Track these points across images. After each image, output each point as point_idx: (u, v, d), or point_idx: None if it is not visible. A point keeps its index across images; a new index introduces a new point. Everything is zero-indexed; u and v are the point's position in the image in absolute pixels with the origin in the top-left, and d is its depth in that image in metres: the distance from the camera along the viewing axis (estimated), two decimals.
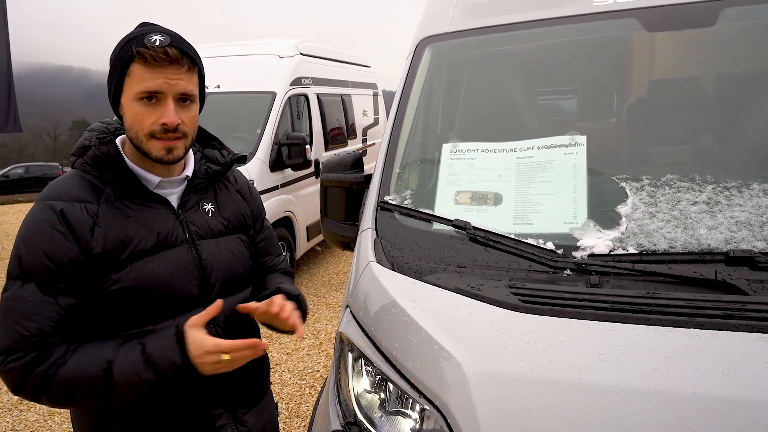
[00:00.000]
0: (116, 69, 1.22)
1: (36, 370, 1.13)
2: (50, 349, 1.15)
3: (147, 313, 1.25)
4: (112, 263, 1.20)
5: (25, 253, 1.16)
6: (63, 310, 1.17)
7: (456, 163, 1.90)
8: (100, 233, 1.19)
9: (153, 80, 1.19)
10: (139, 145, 1.25)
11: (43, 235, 1.16)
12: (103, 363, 1.16)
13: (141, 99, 1.21)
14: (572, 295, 1.40)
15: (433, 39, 2.29)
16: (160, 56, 1.18)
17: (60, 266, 1.16)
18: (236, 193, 1.53)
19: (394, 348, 1.44)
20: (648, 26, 1.92)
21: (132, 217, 1.25)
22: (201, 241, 1.36)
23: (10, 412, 3.80)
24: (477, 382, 1.26)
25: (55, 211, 1.18)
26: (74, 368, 1.15)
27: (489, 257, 1.62)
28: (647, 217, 1.56)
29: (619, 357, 1.20)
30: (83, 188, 1.23)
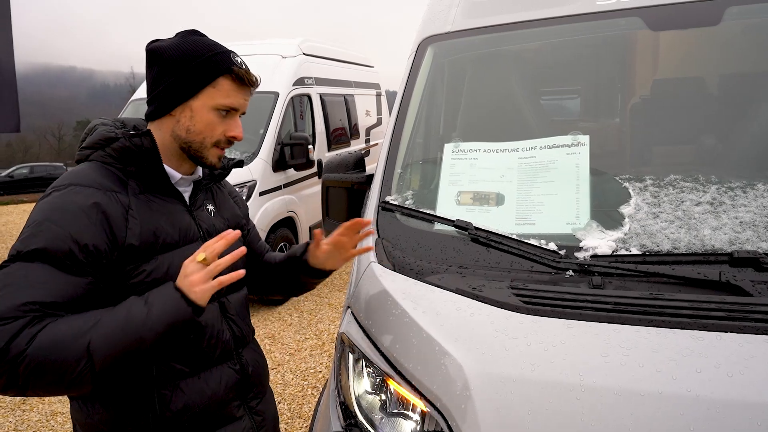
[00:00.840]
0: (198, 75, 1.26)
1: (27, 331, 1.02)
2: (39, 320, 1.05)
3: None
4: (145, 254, 1.21)
5: (47, 232, 1.10)
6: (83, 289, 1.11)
7: (458, 163, 1.89)
8: (135, 224, 1.20)
9: (240, 98, 1.31)
10: (199, 149, 1.31)
11: (71, 218, 1.12)
12: (97, 316, 1.09)
13: (219, 110, 1.29)
14: (574, 296, 1.39)
15: (435, 39, 2.28)
16: (251, 80, 1.32)
17: (85, 252, 1.11)
18: (228, 195, 1.60)
19: (395, 349, 1.44)
20: (652, 25, 1.90)
21: (157, 210, 1.27)
22: (210, 238, 1.38)
23: (13, 412, 3.81)
24: (478, 383, 1.25)
25: (88, 196, 1.16)
26: (66, 323, 1.06)
27: (491, 258, 1.61)
28: (650, 218, 1.55)
29: (621, 359, 1.19)
30: (109, 178, 1.23)
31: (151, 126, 1.34)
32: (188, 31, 1.34)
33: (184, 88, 1.27)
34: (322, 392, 1.96)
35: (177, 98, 1.28)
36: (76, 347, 1.04)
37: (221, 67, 1.28)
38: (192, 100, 1.27)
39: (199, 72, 1.26)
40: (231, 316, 1.44)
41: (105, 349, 1.06)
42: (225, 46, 1.33)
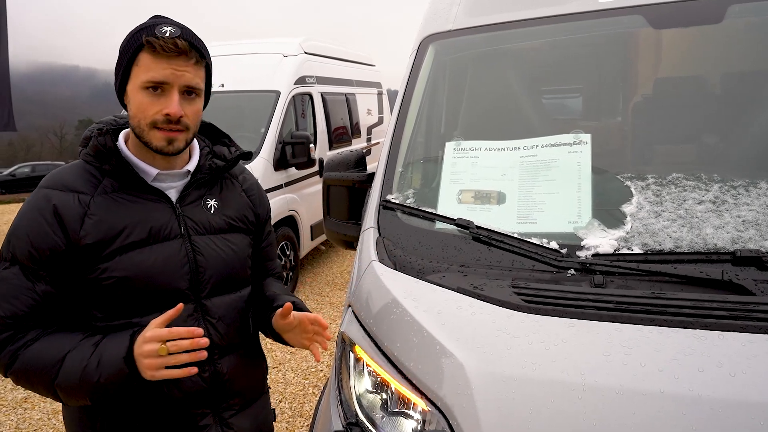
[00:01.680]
0: (124, 57, 1.24)
1: (7, 348, 1.19)
2: (24, 332, 1.20)
3: (134, 305, 1.26)
4: (101, 253, 1.22)
5: (14, 237, 1.21)
6: (39, 297, 1.20)
7: (459, 161, 1.88)
8: (90, 224, 1.22)
9: (160, 70, 1.20)
10: (140, 134, 1.26)
11: (31, 223, 1.21)
12: (63, 352, 1.19)
13: (147, 88, 1.21)
14: (576, 295, 1.39)
15: (437, 37, 2.27)
16: (168, 46, 1.19)
17: (42, 254, 1.20)
18: (242, 192, 1.52)
19: (395, 348, 1.43)
20: (654, 23, 1.89)
21: (126, 208, 1.26)
22: (198, 236, 1.35)
23: (15, 410, 3.82)
24: (479, 382, 1.24)
25: (48, 200, 1.22)
26: (37, 352, 1.19)
27: (492, 257, 1.61)
28: (652, 217, 1.54)
29: (623, 358, 1.19)
30: (81, 178, 1.26)
31: None
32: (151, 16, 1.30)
33: (118, 75, 1.27)
34: (323, 391, 1.96)
35: (119, 87, 1.28)
36: (46, 380, 1.19)
37: (137, 43, 1.21)
38: (128, 85, 1.25)
39: (123, 54, 1.24)
40: (210, 320, 1.35)
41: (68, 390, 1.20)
42: (161, 21, 1.24)
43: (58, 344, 1.21)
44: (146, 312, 1.26)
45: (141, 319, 1.25)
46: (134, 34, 1.24)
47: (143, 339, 1.16)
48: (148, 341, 1.15)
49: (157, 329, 1.15)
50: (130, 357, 1.16)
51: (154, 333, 1.14)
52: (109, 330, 1.24)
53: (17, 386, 4.16)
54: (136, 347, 1.16)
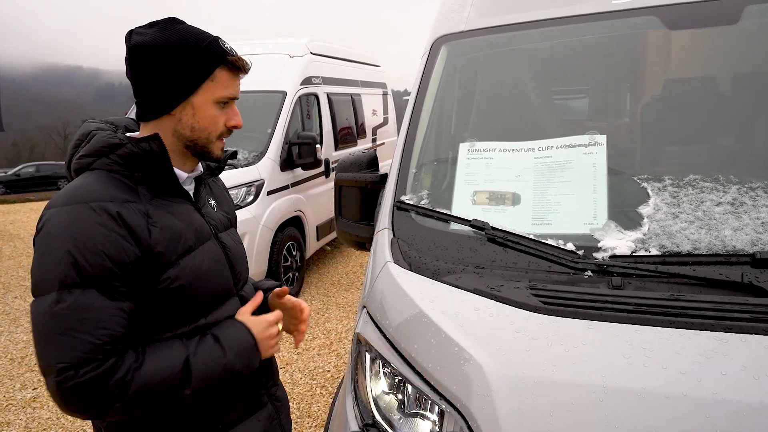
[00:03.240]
0: (194, 70, 1.22)
1: (114, 378, 1.07)
2: (121, 357, 1.10)
3: (198, 308, 1.27)
4: (168, 261, 1.19)
5: (81, 257, 1.08)
6: (127, 314, 1.12)
7: (473, 162, 1.88)
8: (156, 232, 1.17)
9: (235, 87, 1.30)
10: (205, 145, 1.29)
11: (102, 238, 1.10)
12: (180, 358, 1.17)
13: (219, 103, 1.27)
14: (594, 297, 1.38)
15: (449, 38, 2.27)
16: (245, 66, 1.30)
17: (123, 268, 1.11)
18: (223, 188, 1.59)
19: (413, 349, 1.43)
20: (669, 24, 1.89)
21: (173, 213, 1.24)
22: (220, 233, 1.40)
23: (24, 409, 3.83)
24: (499, 384, 1.24)
25: (109, 212, 1.12)
26: (152, 369, 1.12)
27: (508, 258, 1.61)
28: (670, 218, 1.54)
29: (644, 360, 1.18)
30: (122, 189, 1.18)
31: (147, 127, 1.28)
32: (168, 20, 1.26)
33: (183, 85, 1.21)
34: (337, 392, 1.95)
35: (177, 97, 1.22)
36: (172, 393, 1.16)
37: (217, 58, 1.24)
38: (193, 97, 1.23)
39: (195, 66, 1.21)
40: None
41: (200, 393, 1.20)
42: (209, 32, 1.28)
43: (167, 356, 1.16)
44: (208, 312, 1.29)
45: (206, 319, 1.28)
46: (204, 47, 1.23)
47: (267, 323, 1.34)
48: (272, 324, 1.35)
49: (275, 313, 1.38)
50: (255, 341, 1.31)
51: (276, 316, 1.37)
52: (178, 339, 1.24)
53: (25, 386, 4.20)
54: (260, 332, 1.32)
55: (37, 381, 4.24)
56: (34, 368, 4.47)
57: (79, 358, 1.05)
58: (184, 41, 1.21)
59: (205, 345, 1.22)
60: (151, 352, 1.16)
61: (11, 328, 5.39)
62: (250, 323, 1.32)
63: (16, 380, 4.28)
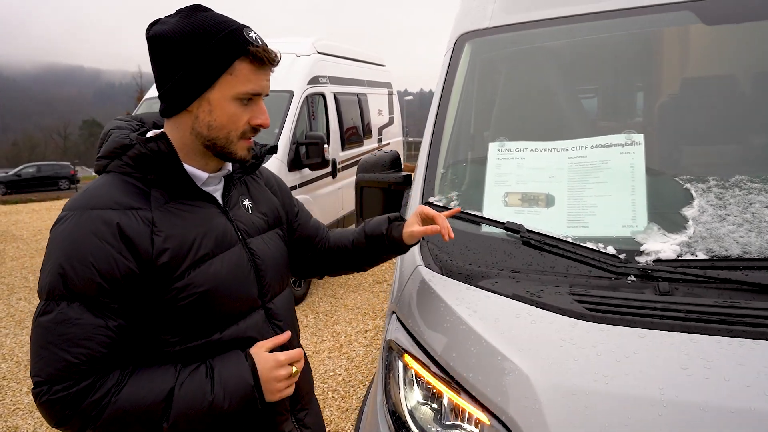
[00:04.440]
0: (211, 63, 1.10)
1: (87, 400, 1.02)
2: (103, 376, 1.05)
3: (212, 321, 1.18)
4: (175, 272, 1.10)
5: (71, 270, 1.02)
6: (113, 332, 1.05)
7: (504, 162, 1.82)
8: (160, 242, 1.09)
9: (260, 82, 1.15)
10: (225, 145, 1.17)
11: (94, 250, 1.03)
12: (165, 388, 1.08)
13: (239, 99, 1.14)
14: (642, 303, 1.32)
15: (473, 34, 2.21)
16: (271, 57, 1.14)
17: (114, 284, 1.04)
18: (265, 187, 1.46)
19: (451, 358, 1.37)
20: (706, 19, 1.83)
21: (187, 219, 1.15)
22: (250, 239, 1.29)
23: (32, 413, 3.77)
24: (548, 396, 1.18)
25: (107, 222, 1.05)
26: (131, 396, 1.05)
27: (545, 262, 1.54)
28: (716, 221, 1.47)
29: (703, 372, 1.12)
30: (129, 193, 1.11)
31: (168, 124, 1.19)
32: (191, 7, 1.14)
33: (197, 80, 1.10)
34: (364, 401, 1.89)
35: (191, 93, 1.12)
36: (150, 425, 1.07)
37: (236, 49, 1.10)
38: (209, 92, 1.12)
39: (211, 59, 1.09)
40: (276, 322, 1.33)
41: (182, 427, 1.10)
42: (236, 21, 1.14)
43: (152, 383, 1.08)
44: (225, 326, 1.20)
45: (221, 335, 1.19)
46: (223, 36, 1.10)
47: (277, 362, 1.19)
48: (282, 365, 1.20)
49: (289, 352, 1.22)
50: (257, 382, 1.17)
51: (289, 356, 1.21)
52: (187, 354, 1.16)
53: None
54: (266, 372, 1.18)
55: None
56: None
57: (52, 375, 1.02)
58: (201, 30, 1.10)
59: (195, 377, 1.12)
60: (136, 378, 1.08)
61: (16, 330, 5.34)
62: (257, 359, 1.18)
63: (22, 383, 4.21)
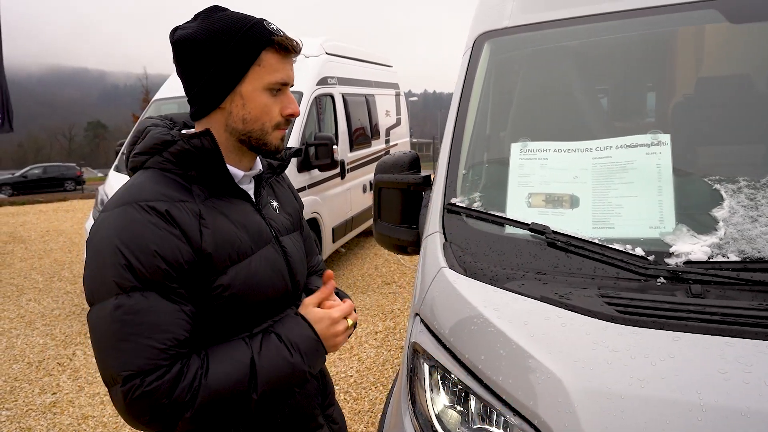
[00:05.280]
0: (239, 56, 1.12)
1: (181, 385, 1.00)
2: (187, 361, 1.04)
3: (251, 317, 1.19)
4: (219, 267, 1.11)
5: (136, 260, 1.01)
6: (189, 316, 1.06)
7: (527, 163, 1.80)
8: (208, 234, 1.09)
9: (287, 71, 1.18)
10: (261, 137, 1.19)
11: (155, 238, 1.03)
12: (246, 361, 1.09)
13: (270, 89, 1.16)
14: (674, 306, 1.30)
15: (492, 34, 2.19)
16: (293, 45, 1.16)
17: (180, 270, 1.04)
18: (288, 189, 1.49)
19: (479, 361, 1.35)
20: (731, 17, 1.80)
21: (227, 216, 1.16)
22: (282, 237, 1.31)
23: (44, 414, 3.76)
24: (582, 399, 1.16)
25: (160, 211, 1.05)
26: (218, 375, 1.05)
27: (571, 263, 1.52)
28: (748, 222, 1.45)
29: (743, 376, 1.10)
30: (173, 187, 1.11)
31: (199, 126, 1.21)
32: (210, 8, 1.18)
33: (228, 75, 1.13)
34: (386, 405, 1.88)
35: (223, 88, 1.14)
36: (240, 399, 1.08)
37: (261, 40, 1.13)
38: (240, 86, 1.14)
39: (239, 52, 1.12)
40: None
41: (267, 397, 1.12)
42: (253, 15, 1.18)
43: (232, 359, 1.08)
44: (262, 320, 1.22)
45: (259, 328, 1.21)
46: (247, 30, 1.13)
47: (332, 320, 1.22)
48: (337, 321, 1.23)
49: (343, 306, 1.26)
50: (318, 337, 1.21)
51: (342, 310, 1.25)
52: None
53: (44, 391, 4.14)
54: (326, 330, 1.21)
55: (56, 386, 4.18)
56: (52, 372, 4.41)
57: (144, 365, 0.98)
58: (225, 28, 1.13)
59: (269, 344, 1.14)
60: (214, 356, 1.08)
61: (27, 332, 5.34)
62: (312, 317, 1.22)
63: (34, 385, 4.22)
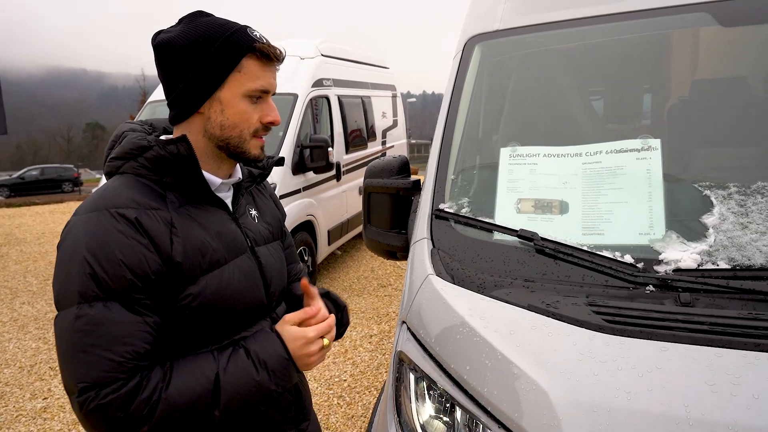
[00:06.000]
0: (219, 62, 1.11)
1: (138, 398, 0.99)
2: (148, 374, 1.02)
3: (223, 328, 1.16)
4: (191, 276, 1.09)
5: (100, 269, 1.00)
6: (152, 328, 1.04)
7: (516, 168, 1.78)
8: (178, 243, 1.07)
9: (267, 78, 1.16)
10: (239, 144, 1.17)
11: (121, 247, 1.01)
12: (210, 376, 1.06)
13: (250, 96, 1.15)
14: (663, 315, 1.28)
15: (483, 37, 2.17)
16: (276, 53, 1.15)
17: (145, 280, 1.03)
18: (269, 198, 1.46)
19: (464, 371, 1.33)
20: (723, 21, 1.78)
21: (201, 224, 1.14)
22: (258, 247, 1.28)
23: (34, 420, 3.73)
24: (567, 412, 1.13)
25: (129, 219, 1.03)
26: (180, 388, 1.03)
27: (560, 271, 1.50)
28: (738, 229, 1.43)
29: (731, 388, 1.07)
30: (146, 194, 1.09)
31: (178, 130, 1.19)
32: (194, 13, 1.17)
33: (207, 80, 1.12)
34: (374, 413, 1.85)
35: (202, 93, 1.13)
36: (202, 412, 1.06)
37: (242, 47, 1.12)
38: (219, 92, 1.13)
39: (219, 58, 1.11)
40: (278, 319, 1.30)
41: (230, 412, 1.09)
42: (238, 22, 1.17)
43: (197, 373, 1.06)
44: (234, 333, 1.18)
45: (231, 341, 1.17)
46: (228, 36, 1.12)
47: (307, 341, 1.17)
48: (311, 341, 1.18)
49: (318, 325, 1.20)
50: (290, 357, 1.17)
51: (318, 330, 1.19)
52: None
53: (35, 396, 4.10)
54: (299, 349, 1.17)
55: (47, 390, 4.15)
56: (43, 377, 4.38)
57: (100, 378, 0.98)
58: (206, 33, 1.12)
59: (236, 359, 1.10)
60: (178, 370, 1.06)
61: (19, 335, 5.31)
62: (286, 336, 1.17)
63: (25, 389, 4.18)
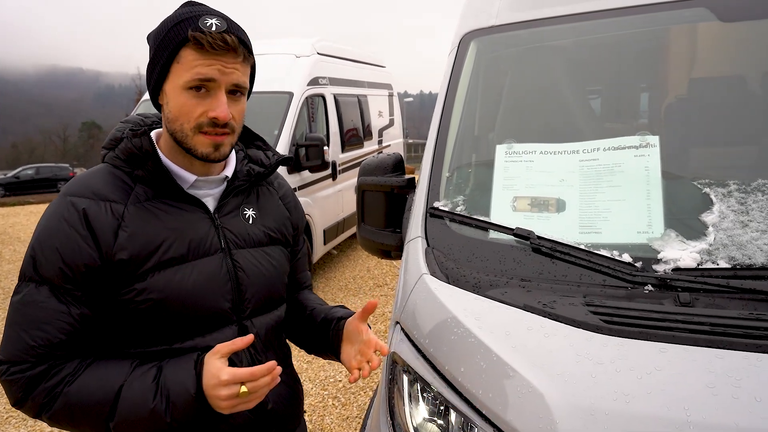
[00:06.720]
0: (163, 52, 1.08)
1: (42, 386, 1.03)
2: (61, 364, 1.05)
3: (173, 330, 1.12)
4: (137, 272, 1.07)
5: (40, 253, 1.06)
6: (75, 320, 1.06)
7: (512, 165, 1.75)
8: (125, 237, 1.07)
9: (206, 66, 1.06)
10: (182, 139, 1.11)
11: (60, 236, 1.05)
12: (116, 386, 1.05)
13: (190, 88, 1.07)
14: (661, 315, 1.25)
15: (479, 33, 2.14)
16: (217, 43, 1.05)
17: (76, 272, 1.05)
18: (279, 201, 1.39)
19: (459, 373, 1.29)
20: (722, 16, 1.75)
21: (162, 220, 1.12)
22: (238, 250, 1.22)
23: (24, 422, 3.68)
24: (564, 415, 1.10)
25: (77, 209, 1.06)
26: (82, 389, 1.04)
27: (556, 270, 1.47)
28: (738, 227, 1.40)
29: (732, 390, 1.04)
30: (111, 185, 1.11)
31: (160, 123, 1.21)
32: (183, 3, 1.15)
33: (155, 72, 1.10)
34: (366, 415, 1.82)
35: (155, 86, 1.13)
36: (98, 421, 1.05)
37: (180, 37, 1.06)
38: (165, 84, 1.10)
39: (163, 49, 1.08)
40: (253, 344, 1.20)
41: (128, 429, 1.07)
42: (201, 10, 1.09)
43: (105, 378, 1.05)
44: (187, 337, 1.13)
45: (182, 344, 1.12)
46: (174, 26, 1.07)
47: (219, 382, 1.03)
48: (225, 385, 1.03)
49: (236, 371, 1.03)
50: (200, 394, 1.05)
51: (233, 375, 1.03)
52: (147, 357, 1.11)
53: None
54: (211, 389, 1.04)
55: None
56: None
57: (12, 355, 1.04)
58: (162, 25, 1.11)
59: (144, 379, 1.06)
60: (92, 370, 1.07)
61: None
62: (206, 369, 1.06)
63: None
